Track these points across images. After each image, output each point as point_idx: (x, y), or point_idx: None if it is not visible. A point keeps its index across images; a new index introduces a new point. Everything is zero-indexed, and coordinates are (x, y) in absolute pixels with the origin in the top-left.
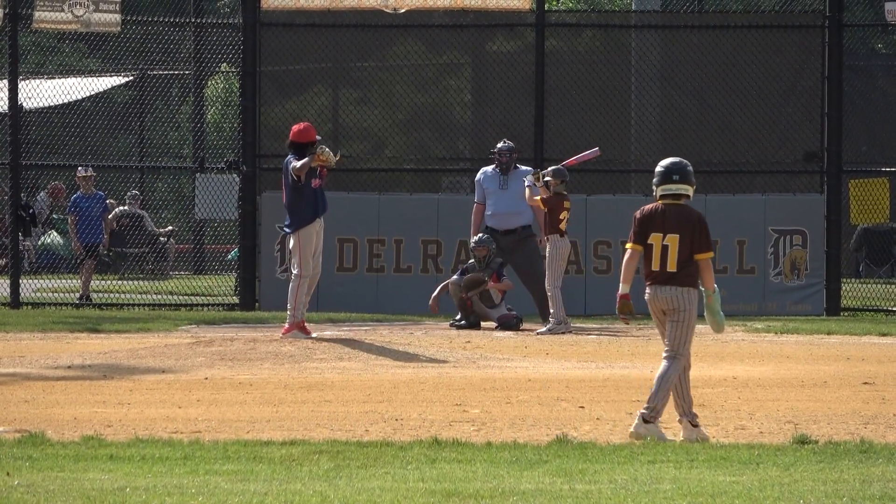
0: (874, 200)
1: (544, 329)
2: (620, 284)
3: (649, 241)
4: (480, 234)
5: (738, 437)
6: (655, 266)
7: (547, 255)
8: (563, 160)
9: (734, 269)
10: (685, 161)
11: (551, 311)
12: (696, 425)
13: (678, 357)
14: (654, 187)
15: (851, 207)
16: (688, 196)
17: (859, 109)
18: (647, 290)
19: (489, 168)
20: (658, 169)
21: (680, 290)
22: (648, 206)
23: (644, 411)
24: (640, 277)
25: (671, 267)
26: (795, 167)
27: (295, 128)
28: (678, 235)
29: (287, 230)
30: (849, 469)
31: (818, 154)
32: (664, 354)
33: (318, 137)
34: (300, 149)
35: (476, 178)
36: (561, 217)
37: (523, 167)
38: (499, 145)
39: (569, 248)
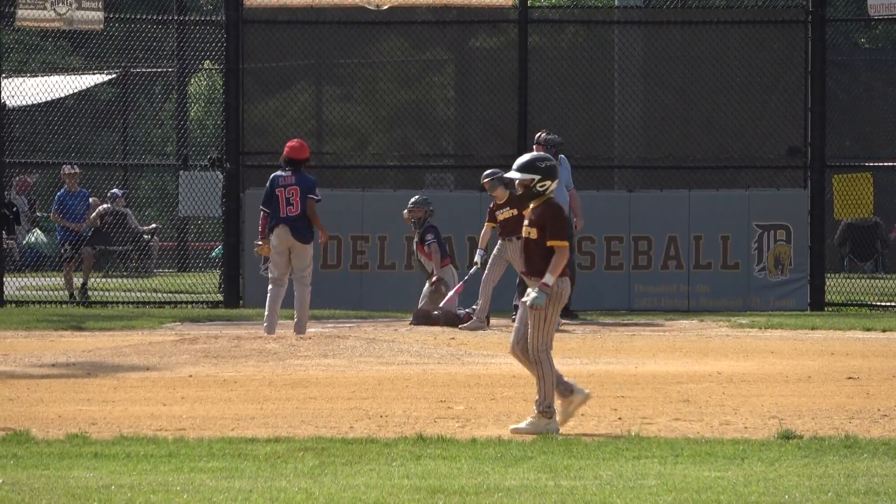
0: (858, 195)
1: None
2: None
3: None
4: (416, 196)
5: (723, 432)
6: None
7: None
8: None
9: (718, 265)
10: None
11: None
12: None
13: None
14: None
15: (835, 202)
16: None
17: (842, 104)
18: None
19: None
20: None
21: None
22: None
23: None
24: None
25: None
26: (779, 162)
27: (290, 143)
28: None
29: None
30: (833, 464)
31: (801, 149)
32: None
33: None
34: (294, 164)
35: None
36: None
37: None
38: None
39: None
